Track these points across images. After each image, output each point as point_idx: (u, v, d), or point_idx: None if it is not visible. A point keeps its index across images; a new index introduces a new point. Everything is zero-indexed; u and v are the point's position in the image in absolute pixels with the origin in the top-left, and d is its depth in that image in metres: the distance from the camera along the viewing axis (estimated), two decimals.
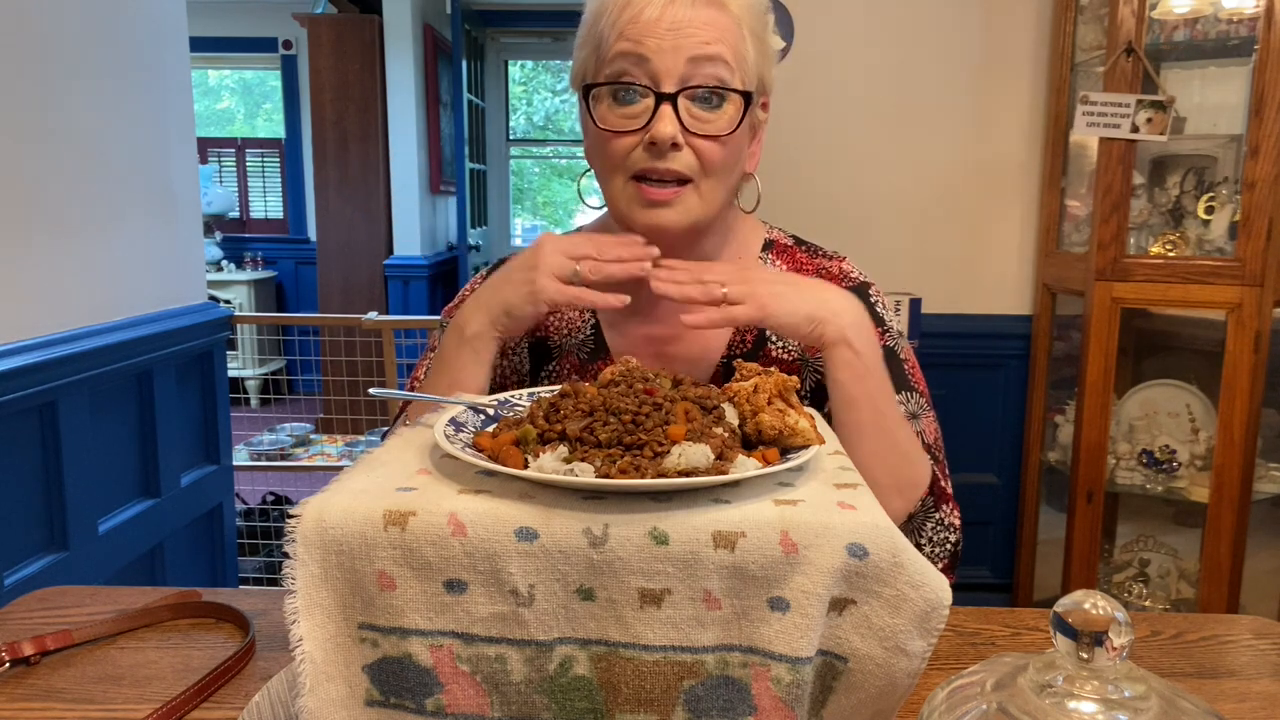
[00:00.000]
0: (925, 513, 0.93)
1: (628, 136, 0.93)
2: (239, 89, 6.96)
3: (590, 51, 0.96)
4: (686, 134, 0.91)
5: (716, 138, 0.92)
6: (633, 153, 0.93)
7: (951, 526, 0.94)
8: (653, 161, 0.92)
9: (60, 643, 0.85)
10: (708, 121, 0.92)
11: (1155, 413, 2.44)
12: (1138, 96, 2.23)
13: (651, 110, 0.91)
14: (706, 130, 0.92)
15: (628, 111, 0.93)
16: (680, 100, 0.91)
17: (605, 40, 0.93)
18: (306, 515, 0.57)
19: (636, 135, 0.92)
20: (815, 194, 2.63)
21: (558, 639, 0.56)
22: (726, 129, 0.92)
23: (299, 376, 5.99)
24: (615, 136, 0.93)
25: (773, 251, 1.08)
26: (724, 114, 0.93)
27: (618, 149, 0.94)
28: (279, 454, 3.32)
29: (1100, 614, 0.46)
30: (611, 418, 0.63)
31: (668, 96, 0.90)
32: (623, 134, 0.93)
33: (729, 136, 0.93)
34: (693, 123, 0.92)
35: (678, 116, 0.91)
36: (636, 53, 0.90)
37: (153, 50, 2.16)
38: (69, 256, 1.86)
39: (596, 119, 0.94)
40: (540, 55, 7.00)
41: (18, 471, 1.72)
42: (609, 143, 0.94)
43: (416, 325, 3.10)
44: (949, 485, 1.00)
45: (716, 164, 0.93)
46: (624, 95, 0.92)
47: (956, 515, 0.95)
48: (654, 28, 0.90)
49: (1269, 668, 0.87)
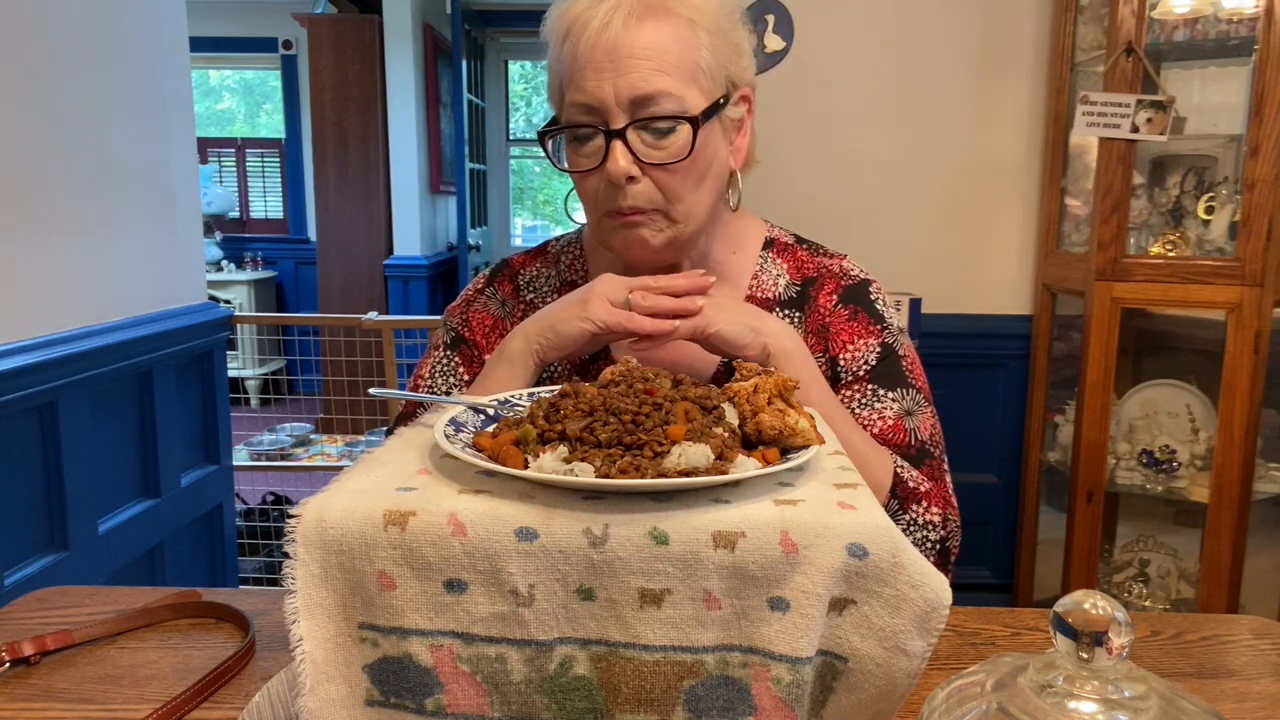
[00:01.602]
0: (892, 516, 0.92)
1: (591, 176, 0.95)
2: (240, 89, 6.96)
3: (555, 83, 0.98)
4: (642, 166, 0.92)
5: (670, 165, 0.93)
6: (600, 191, 0.95)
7: (930, 525, 0.93)
8: (615, 199, 0.93)
9: (60, 643, 0.85)
10: (661, 148, 0.92)
11: (1155, 413, 2.44)
12: (1138, 96, 2.23)
13: (603, 148, 0.92)
14: (660, 159, 0.92)
15: (585, 150, 0.94)
16: (630, 134, 0.91)
17: (557, 77, 0.96)
18: (306, 515, 0.57)
19: (597, 174, 0.94)
20: (815, 194, 2.63)
21: (558, 639, 0.56)
22: (680, 154, 0.92)
23: (299, 376, 5.99)
24: (581, 177, 0.96)
25: (774, 250, 1.08)
26: (676, 139, 0.92)
27: (585, 188, 0.96)
28: (279, 454, 3.32)
29: (1100, 614, 0.46)
30: (611, 418, 0.63)
31: (616, 134, 0.91)
32: (586, 173, 0.95)
33: (684, 162, 0.93)
34: (647, 152, 0.92)
35: (630, 150, 0.91)
36: (583, 95, 0.92)
37: (153, 50, 2.16)
38: (69, 256, 1.86)
39: (560, 162, 0.97)
40: (540, 55, 6.90)
41: (18, 471, 1.72)
42: (579, 184, 0.97)
43: (416, 325, 3.10)
44: (946, 482, 1.00)
45: (679, 189, 0.94)
46: (581, 135, 0.94)
47: (936, 512, 0.94)
48: (593, 58, 0.91)
49: (1269, 668, 0.87)
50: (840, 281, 1.05)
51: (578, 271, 1.09)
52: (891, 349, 1.02)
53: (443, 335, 1.10)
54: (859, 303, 1.04)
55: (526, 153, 7.36)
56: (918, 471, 0.96)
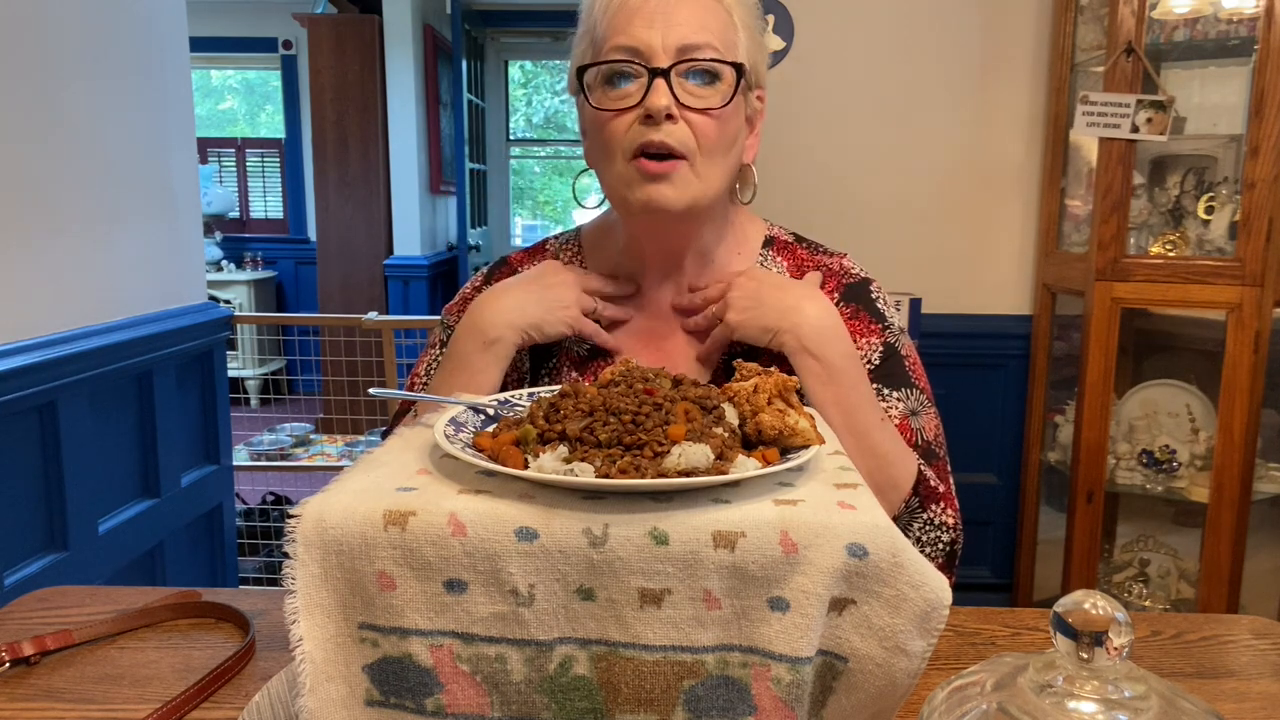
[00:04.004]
0: (911, 514, 0.92)
1: (623, 115, 0.94)
2: (242, 89, 6.96)
3: (586, 45, 0.97)
4: (681, 108, 0.93)
5: (710, 111, 0.93)
6: (629, 131, 0.94)
7: (944, 526, 0.93)
8: (648, 134, 0.92)
9: (60, 643, 0.85)
10: (701, 96, 0.93)
11: (1155, 413, 2.44)
12: (1138, 96, 2.23)
13: (645, 86, 0.92)
14: (700, 104, 0.93)
15: (622, 93, 0.94)
16: (673, 76, 0.92)
17: (598, 29, 0.95)
18: (306, 515, 0.57)
19: (632, 112, 0.93)
20: (815, 193, 2.63)
21: (558, 639, 0.56)
22: (720, 102, 0.94)
23: (299, 376, 5.99)
24: (611, 117, 0.95)
25: (773, 249, 1.08)
26: (717, 90, 0.94)
27: (614, 129, 0.95)
28: (279, 454, 3.33)
29: (1100, 614, 0.46)
30: (611, 418, 0.63)
31: (660, 72, 0.92)
32: (618, 112, 0.94)
33: (723, 110, 0.94)
34: (686, 97, 0.93)
35: (671, 91, 0.92)
36: (628, 39, 0.92)
37: (153, 50, 2.16)
38: (69, 256, 1.86)
39: (593, 102, 0.96)
40: (540, 55, 7.00)
41: (18, 471, 1.72)
42: (606, 124, 0.95)
43: (416, 325, 3.10)
44: (950, 483, 0.99)
45: (712, 139, 0.94)
46: (618, 79, 0.94)
47: (950, 514, 0.94)
48: (643, 9, 0.92)
49: (1269, 668, 0.87)
50: (841, 280, 1.05)
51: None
52: (894, 349, 1.02)
53: (440, 334, 1.10)
54: (860, 302, 1.04)
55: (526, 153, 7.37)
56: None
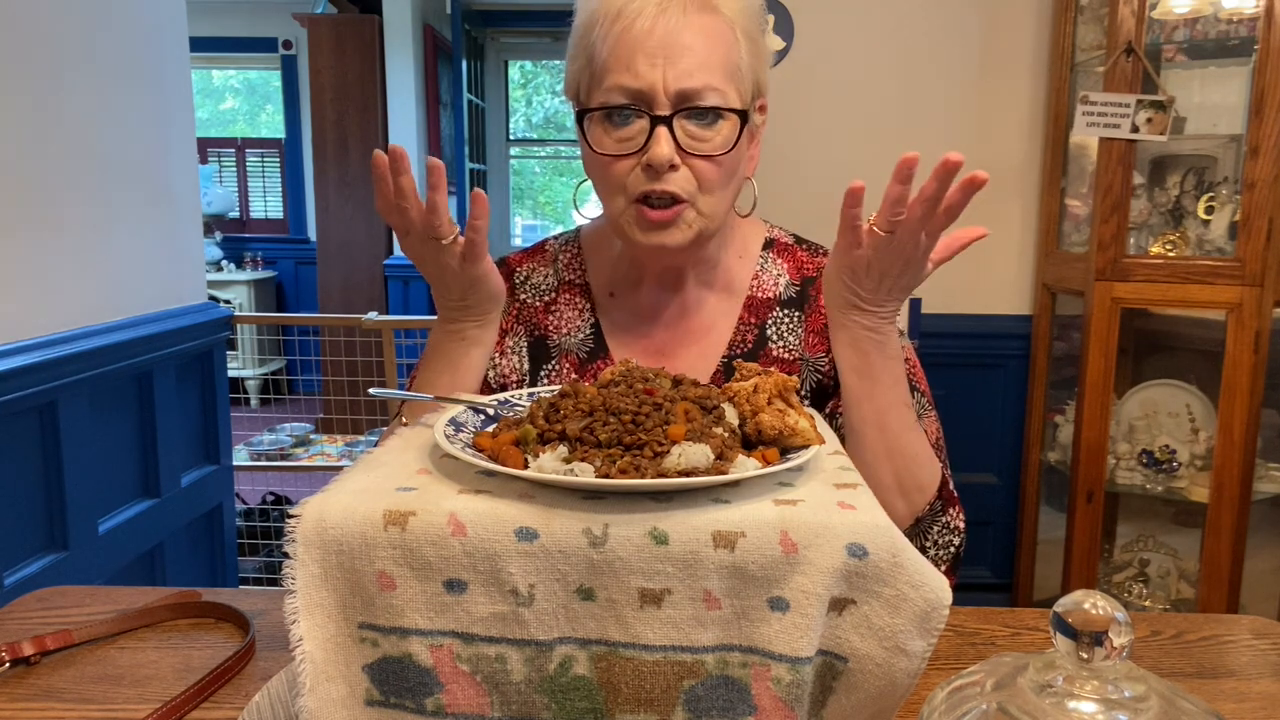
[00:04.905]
0: (933, 516, 0.92)
1: (625, 160, 0.92)
2: (243, 89, 6.96)
3: (583, 65, 0.95)
4: (683, 154, 0.91)
5: (713, 157, 0.92)
6: (630, 175, 0.92)
7: (956, 529, 0.94)
8: (650, 184, 0.91)
9: (60, 643, 0.85)
10: (704, 140, 0.91)
11: (1155, 413, 2.44)
12: (1138, 96, 2.23)
13: (647, 132, 0.90)
14: (703, 150, 0.91)
15: (623, 134, 0.92)
16: (676, 120, 0.90)
17: (598, 56, 0.92)
18: (306, 515, 0.57)
19: (633, 159, 0.92)
20: (815, 194, 2.62)
21: (558, 639, 0.56)
22: (723, 148, 0.92)
23: (299, 376, 5.99)
24: (612, 161, 0.93)
25: (773, 250, 1.08)
26: (720, 132, 0.92)
27: (615, 173, 0.93)
28: (279, 454, 3.32)
29: (1100, 614, 0.46)
30: (611, 418, 0.63)
31: (663, 119, 0.90)
32: (619, 158, 0.92)
33: (725, 155, 0.92)
34: (689, 143, 0.91)
35: (674, 137, 0.90)
36: (632, 79, 0.89)
37: (153, 50, 2.16)
38: (69, 256, 1.86)
39: (592, 143, 0.94)
40: (540, 55, 7.00)
41: (18, 471, 1.72)
42: (607, 167, 0.94)
43: (416, 325, 3.10)
44: (952, 487, 0.99)
45: (714, 182, 0.93)
46: (619, 118, 0.92)
47: (961, 518, 0.95)
48: (645, 43, 0.89)
49: (1269, 668, 0.87)
50: None
51: (575, 270, 1.09)
52: None
53: None
54: None
55: (526, 153, 7.37)
56: None
